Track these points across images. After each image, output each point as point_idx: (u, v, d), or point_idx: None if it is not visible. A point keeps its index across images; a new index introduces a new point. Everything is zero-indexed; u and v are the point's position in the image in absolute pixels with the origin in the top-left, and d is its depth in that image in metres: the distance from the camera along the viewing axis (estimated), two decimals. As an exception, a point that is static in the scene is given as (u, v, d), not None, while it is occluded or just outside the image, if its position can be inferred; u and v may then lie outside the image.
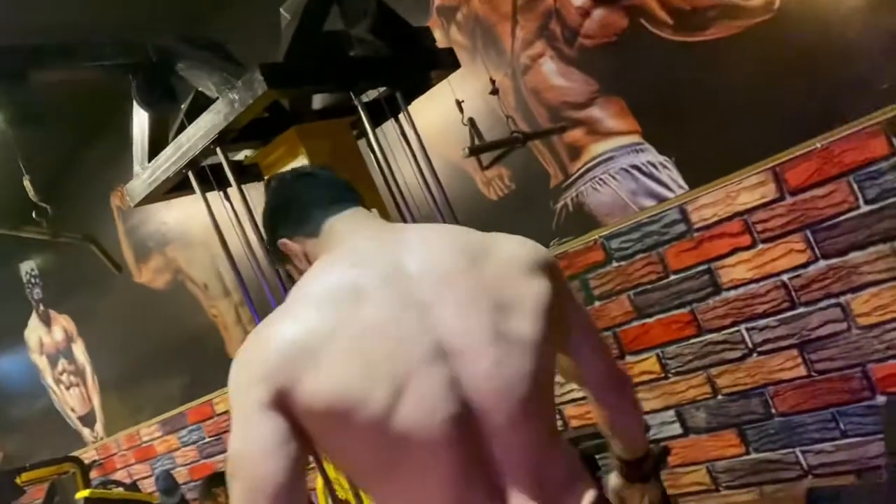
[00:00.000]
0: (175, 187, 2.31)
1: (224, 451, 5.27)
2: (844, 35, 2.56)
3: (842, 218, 2.67)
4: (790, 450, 2.97)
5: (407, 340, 1.07)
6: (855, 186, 2.62)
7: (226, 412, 5.17)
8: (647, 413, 3.18)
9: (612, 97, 3.10)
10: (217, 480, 3.24)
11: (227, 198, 2.33)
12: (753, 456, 3.06)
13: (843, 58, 2.58)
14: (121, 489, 5.00)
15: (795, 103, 2.69)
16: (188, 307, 5.17)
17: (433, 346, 1.08)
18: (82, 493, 4.65)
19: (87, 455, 6.25)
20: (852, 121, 2.58)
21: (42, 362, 6.67)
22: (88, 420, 6.45)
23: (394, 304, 1.10)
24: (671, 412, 3.20)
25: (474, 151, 2.53)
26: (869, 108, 2.54)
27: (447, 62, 2.42)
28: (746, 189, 2.83)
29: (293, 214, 1.28)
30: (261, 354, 1.10)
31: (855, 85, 2.57)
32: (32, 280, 6.47)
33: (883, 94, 2.51)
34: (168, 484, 5.16)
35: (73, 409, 6.55)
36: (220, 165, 2.21)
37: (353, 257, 1.19)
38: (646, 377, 3.23)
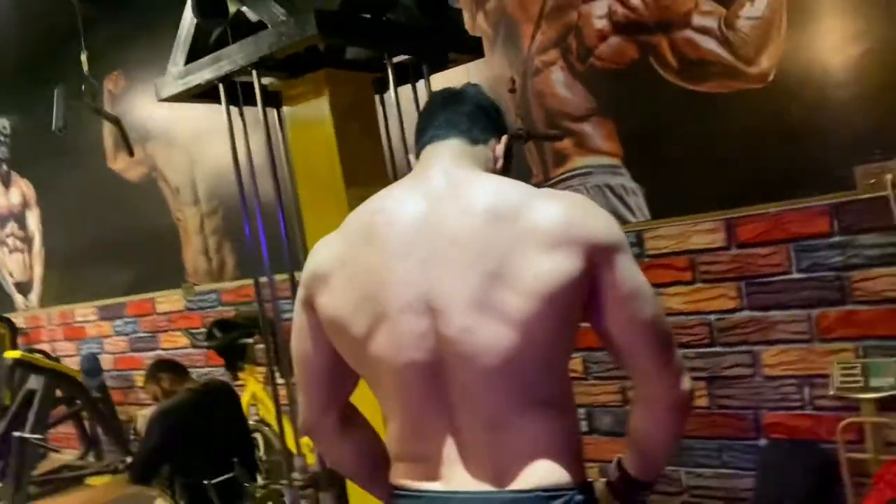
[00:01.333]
0: (201, 94, 2.48)
1: (155, 350, 5.44)
2: (821, 120, 2.86)
3: (774, 278, 3.00)
4: (675, 468, 3.32)
5: (392, 286, 1.20)
6: (792, 254, 2.95)
7: (166, 313, 5.33)
8: (561, 406, 3.47)
9: (605, 119, 3.36)
10: (163, 367, 3.43)
11: (242, 116, 2.53)
12: (643, 466, 3.39)
13: (814, 139, 2.88)
14: (46, 360, 5.13)
15: (763, 167, 2.99)
16: (155, 205, 5.29)
17: (418, 298, 1.18)
18: (12, 354, 4.78)
19: (15, 321, 6.32)
20: (806, 197, 2.89)
21: (-10, 221, 6.69)
22: (24, 287, 6.51)
23: (395, 252, 1.22)
24: (583, 410, 3.51)
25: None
26: (823, 189, 2.86)
27: (474, 49, 2.64)
28: (700, 232, 3.13)
29: (418, 135, 1.42)
30: (306, 265, 1.35)
31: (818, 165, 2.87)
32: (1, 137, 6.46)
33: (838, 181, 2.83)
34: (93, 366, 5.33)
35: (10, 274, 6.59)
36: (247, 85, 2.40)
37: (393, 196, 1.30)
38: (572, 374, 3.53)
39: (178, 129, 5.04)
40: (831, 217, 2.86)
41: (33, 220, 6.33)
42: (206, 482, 2.96)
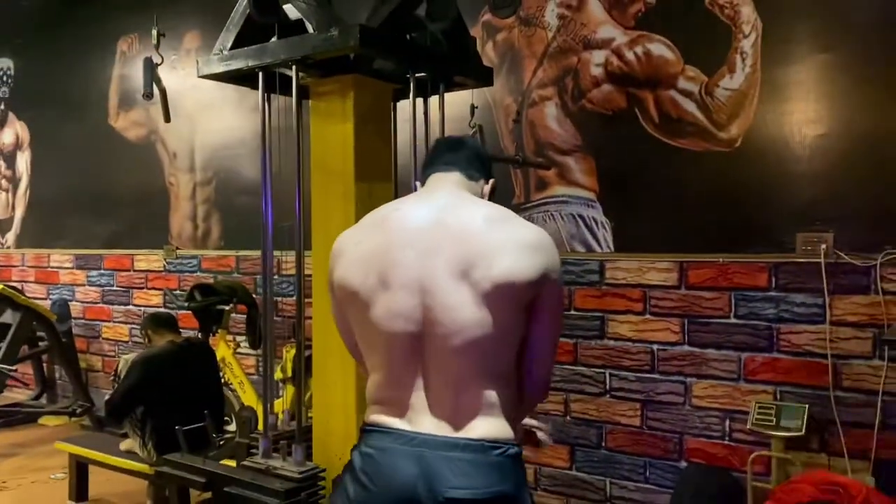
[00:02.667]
0: (238, 77, 2.76)
1: (127, 305, 5.62)
2: (774, 187, 3.25)
3: (714, 320, 3.37)
4: (603, 478, 3.67)
5: (396, 267, 1.55)
6: (733, 301, 3.32)
7: (144, 271, 5.53)
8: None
9: (588, 156, 3.72)
10: (158, 323, 3.68)
11: (270, 102, 2.81)
12: (574, 473, 3.74)
13: (765, 203, 3.26)
14: (23, 297, 5.28)
15: (719, 221, 3.37)
16: (149, 166, 5.50)
17: (414, 279, 1.53)
18: (-9, 286, 4.93)
19: (-11, 256, 6.44)
20: (752, 253, 3.27)
21: (-21, 156, 6.79)
22: (2, 226, 6.62)
23: (402, 241, 1.57)
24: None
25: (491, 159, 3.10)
26: (767, 248, 3.24)
27: (485, 77, 2.98)
28: (656, 270, 3.50)
29: (423, 167, 1.79)
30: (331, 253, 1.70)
31: (766, 227, 3.26)
32: (4, 77, 6.59)
33: (780, 243, 3.22)
34: (62, 311, 5.51)
35: (-9, 210, 6.70)
36: (281, 75, 2.70)
37: (406, 203, 1.69)
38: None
39: (185, 99, 5.27)
40: (770, 274, 3.25)
41: (23, 161, 6.46)
42: (176, 427, 3.19)
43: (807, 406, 3.07)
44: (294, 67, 2.56)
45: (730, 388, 3.34)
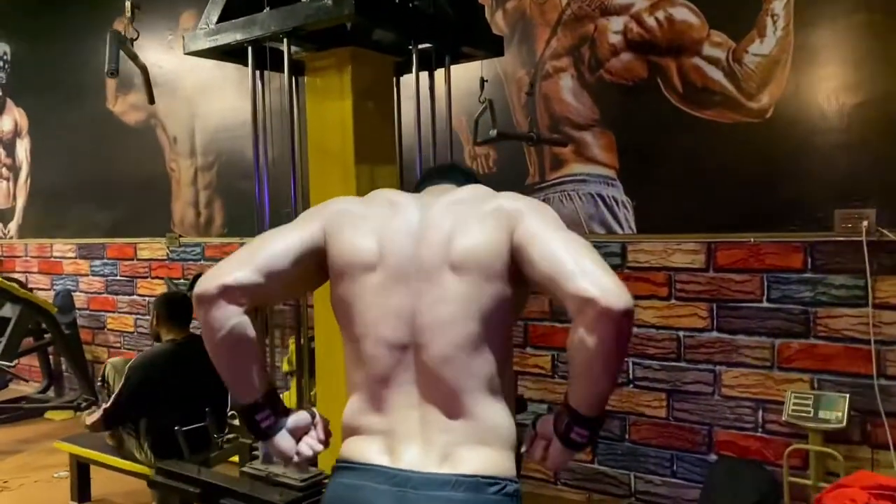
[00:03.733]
0: (228, 53, 2.55)
1: (131, 295, 5.47)
2: (809, 161, 3.01)
3: (745, 304, 3.14)
4: (627, 472, 3.47)
5: (395, 243, 1.36)
6: (765, 284, 3.10)
7: (147, 260, 5.37)
8: (528, 400, 3.60)
9: (606, 131, 3.48)
10: (168, 309, 3.49)
11: (262, 79, 2.61)
12: (596, 466, 3.54)
13: (800, 178, 3.03)
14: (23, 290, 5.14)
15: (749, 198, 3.14)
16: (150, 151, 5.31)
17: (406, 264, 1.34)
18: (-10, 279, 4.78)
19: (-8, 247, 6.30)
20: (785, 232, 3.04)
21: (-21, 144, 6.64)
22: (4, 216, 6.48)
23: (401, 227, 1.39)
24: (545, 406, 3.65)
25: (501, 136, 2.88)
26: (802, 226, 3.01)
27: (495, 47, 2.75)
28: (682, 252, 3.27)
29: (415, 187, 1.67)
30: (332, 204, 1.50)
31: (800, 203, 3.02)
32: (1, 63, 6.41)
33: (817, 221, 2.98)
34: (66, 302, 5.36)
35: (-8, 200, 6.56)
36: (274, 51, 2.48)
37: (403, 196, 1.51)
38: (536, 371, 3.66)
39: (183, 80, 5.07)
40: (805, 254, 3.02)
41: (23, 148, 6.30)
42: (176, 428, 3.02)
43: (847, 396, 2.85)
44: (285, 40, 2.35)
45: (762, 377, 3.12)
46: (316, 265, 1.41)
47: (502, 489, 1.27)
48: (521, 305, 1.40)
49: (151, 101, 3.13)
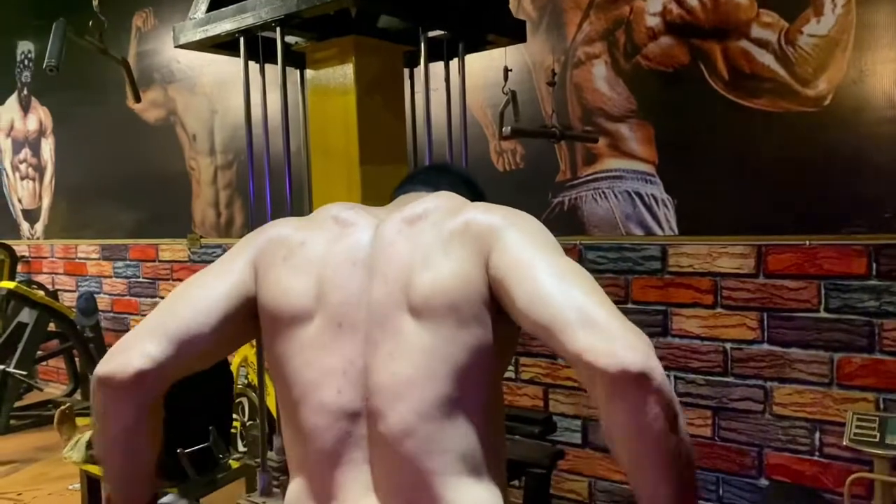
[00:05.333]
0: (223, 45, 2.33)
1: (154, 297, 5.34)
2: (874, 155, 2.68)
3: (799, 314, 2.83)
4: (668, 495, 3.17)
5: (340, 310, 1.08)
6: (823, 292, 2.77)
7: (169, 261, 5.22)
8: (557, 415, 3.33)
9: (644, 122, 3.18)
10: None
11: (262, 72, 2.39)
12: (634, 488, 3.25)
13: (863, 174, 2.70)
14: (42, 293, 5.04)
15: (805, 196, 2.82)
16: (169, 150, 5.15)
17: (359, 331, 1.07)
18: (7, 284, 4.69)
19: (19, 249, 6.23)
20: (847, 234, 2.71)
21: (6, 144, 6.57)
22: (31, 216, 6.41)
23: (342, 278, 1.09)
24: (578, 422, 3.37)
25: (516, 133, 2.59)
26: (866, 228, 2.68)
27: (516, 32, 2.47)
28: (728, 255, 2.96)
29: (393, 192, 1.36)
30: (265, 231, 1.23)
31: (864, 202, 2.70)
32: (25, 62, 6.33)
33: (884, 222, 2.65)
34: (89, 305, 5.23)
35: (19, 200, 6.50)
36: (270, 41, 2.25)
37: (350, 218, 1.17)
38: (569, 383, 3.39)
39: (202, 76, 4.90)
40: (870, 259, 2.69)
41: (48, 148, 6.21)
42: (178, 451, 2.84)
43: (918, 419, 2.52)
44: (278, 29, 2.11)
45: (820, 395, 2.80)
46: (249, 317, 1.14)
47: None
48: (510, 348, 1.11)
49: (137, 98, 2.92)
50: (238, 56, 2.37)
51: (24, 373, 4.45)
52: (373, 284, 1.06)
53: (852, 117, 2.72)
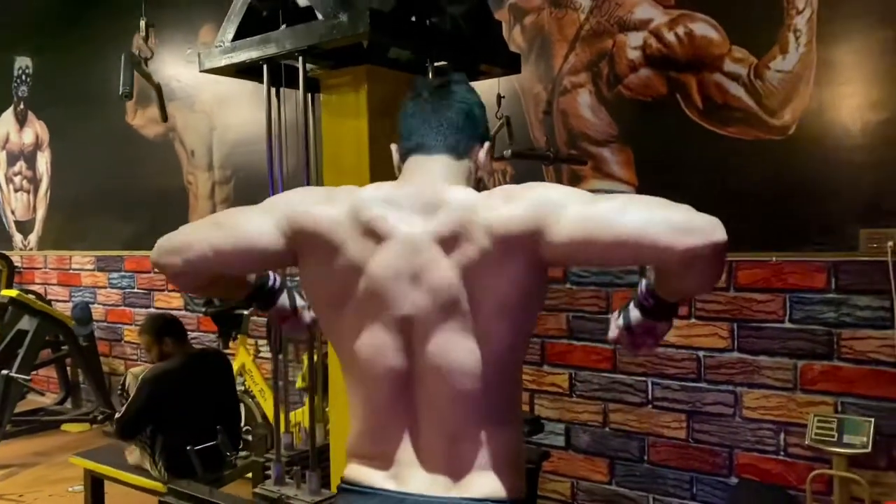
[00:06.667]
0: (241, 71, 2.54)
1: (148, 308, 5.48)
2: (833, 179, 2.95)
3: (766, 325, 3.08)
4: (645, 494, 3.40)
5: (381, 297, 1.25)
6: (788, 304, 3.03)
7: (164, 273, 5.37)
8: (544, 419, 3.55)
9: (625, 147, 3.44)
10: (169, 330, 3.43)
11: (278, 96, 2.60)
12: (614, 488, 3.48)
13: (824, 197, 2.97)
14: (41, 302, 5.17)
15: (772, 216, 3.08)
16: (168, 165, 5.33)
17: (400, 315, 1.24)
18: (8, 293, 4.82)
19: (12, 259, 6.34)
20: (809, 251, 2.98)
21: (0, 157, 6.70)
22: (25, 228, 6.53)
23: (387, 269, 1.25)
24: (562, 426, 3.60)
25: (517, 155, 2.84)
26: (826, 246, 2.95)
27: (511, 64, 2.71)
28: (702, 270, 3.21)
29: (404, 134, 1.42)
30: (304, 196, 1.41)
31: (824, 222, 2.96)
32: (23, 76, 6.48)
33: (841, 240, 2.92)
34: (84, 315, 5.37)
35: (13, 212, 6.61)
36: (289, 67, 2.47)
37: (389, 207, 1.27)
38: (553, 389, 3.62)
39: (201, 94, 5.09)
40: (830, 274, 2.95)
41: (43, 161, 6.35)
42: (188, 448, 3.01)
43: (873, 420, 2.77)
44: (301, 58, 2.33)
45: (784, 399, 3.06)
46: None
47: None
48: (536, 317, 1.33)
49: (164, 118, 3.14)
50: (254, 80, 2.59)
51: (28, 378, 4.58)
52: (419, 289, 1.23)
53: (814, 145, 3.00)
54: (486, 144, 1.42)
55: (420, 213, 1.26)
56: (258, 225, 1.34)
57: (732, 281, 3.15)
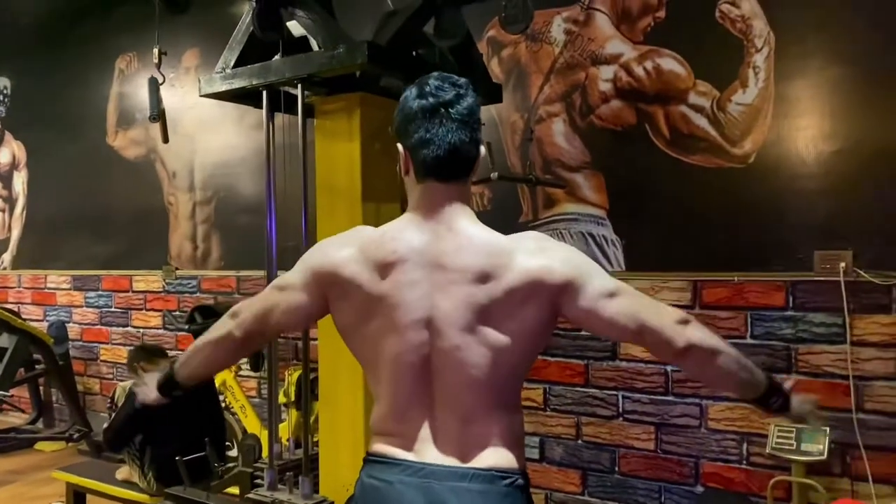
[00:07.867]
0: (239, 96, 2.69)
1: (125, 326, 5.53)
2: (790, 205, 3.18)
3: (730, 341, 3.26)
4: (614, 503, 3.56)
5: (402, 308, 1.44)
6: (749, 321, 3.24)
7: (143, 292, 5.43)
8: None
9: (597, 173, 3.64)
10: (143, 355, 3.53)
11: (271, 121, 2.74)
12: (586, 498, 3.64)
13: (781, 221, 3.19)
14: (20, 320, 5.18)
15: (733, 239, 3.29)
16: (148, 186, 5.41)
17: (421, 318, 1.43)
18: (-11, 309, 4.83)
19: (-15, 278, 6.34)
20: (768, 271, 3.19)
21: (-25, 176, 6.71)
22: (-1, 247, 6.53)
23: (407, 282, 1.44)
24: (537, 439, 3.75)
25: (502, 178, 3.02)
26: (783, 266, 3.16)
27: (494, 94, 2.91)
28: (669, 289, 3.42)
29: (415, 142, 1.49)
30: (325, 255, 1.58)
31: (782, 245, 3.18)
32: (1, 97, 6.52)
33: (797, 261, 3.14)
34: (60, 333, 5.40)
35: (-14, 231, 6.61)
36: (285, 93, 2.63)
37: (404, 236, 1.47)
38: (529, 403, 3.77)
39: (184, 117, 5.20)
40: (787, 293, 3.16)
41: (20, 181, 6.37)
42: (177, 458, 3.09)
43: (828, 429, 2.97)
44: (299, 86, 2.49)
45: (747, 411, 3.24)
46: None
47: (513, 482, 1.44)
48: (546, 340, 1.56)
49: (166, 140, 3.26)
50: (251, 105, 2.75)
51: (6, 394, 4.60)
52: (444, 301, 1.43)
53: (772, 174, 3.22)
54: (481, 149, 1.55)
55: (440, 244, 1.46)
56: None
57: (698, 299, 3.35)
